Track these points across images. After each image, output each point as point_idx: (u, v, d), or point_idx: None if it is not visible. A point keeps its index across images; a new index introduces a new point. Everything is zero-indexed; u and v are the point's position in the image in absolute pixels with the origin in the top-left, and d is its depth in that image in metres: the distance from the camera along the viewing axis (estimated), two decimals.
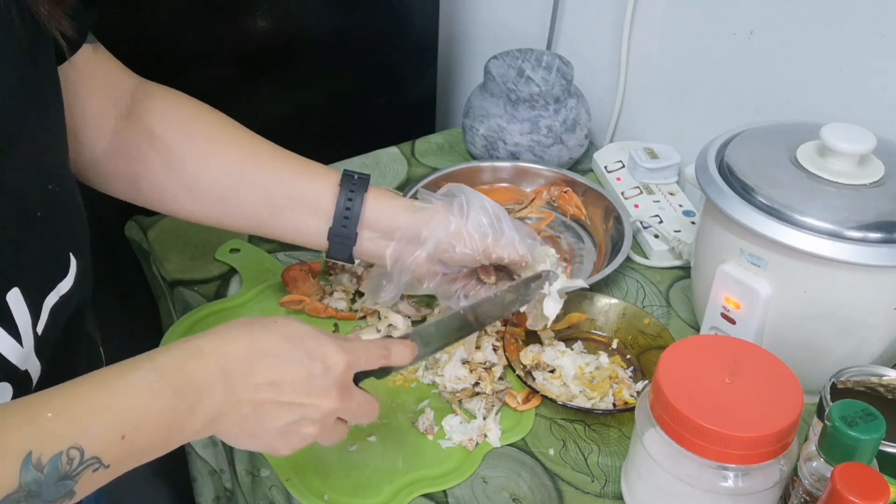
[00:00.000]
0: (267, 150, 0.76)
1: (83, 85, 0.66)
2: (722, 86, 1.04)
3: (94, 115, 0.68)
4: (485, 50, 1.29)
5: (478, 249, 0.76)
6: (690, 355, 0.65)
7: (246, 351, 0.57)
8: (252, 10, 1.08)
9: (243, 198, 0.75)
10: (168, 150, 0.73)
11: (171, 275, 0.95)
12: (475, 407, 0.78)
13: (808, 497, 0.61)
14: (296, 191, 0.75)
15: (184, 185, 0.74)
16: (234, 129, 0.76)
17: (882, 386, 0.68)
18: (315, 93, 1.21)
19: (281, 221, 0.76)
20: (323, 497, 0.70)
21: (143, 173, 0.73)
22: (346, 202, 0.74)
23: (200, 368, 0.55)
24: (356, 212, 0.75)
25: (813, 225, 0.70)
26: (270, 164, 0.75)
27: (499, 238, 0.76)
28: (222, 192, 0.74)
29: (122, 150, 0.72)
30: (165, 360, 0.54)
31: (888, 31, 0.84)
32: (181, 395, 0.53)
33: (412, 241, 0.76)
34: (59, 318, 0.59)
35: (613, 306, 0.88)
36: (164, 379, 0.53)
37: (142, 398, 0.52)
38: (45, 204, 0.57)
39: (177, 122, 0.73)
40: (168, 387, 0.53)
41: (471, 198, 0.77)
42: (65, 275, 0.59)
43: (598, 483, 0.74)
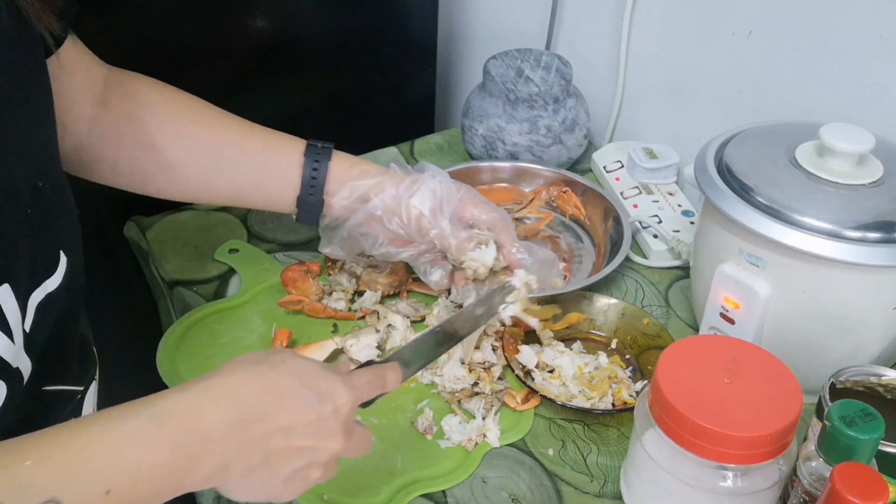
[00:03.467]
0: (235, 125, 0.80)
1: (64, 76, 0.67)
2: (721, 86, 1.04)
3: (73, 105, 0.70)
4: (484, 50, 1.29)
5: (412, 227, 0.79)
6: (689, 355, 0.65)
7: (258, 394, 0.54)
8: (251, 10, 1.08)
9: (216, 174, 0.78)
10: (143, 134, 0.75)
11: (170, 275, 0.95)
12: (474, 407, 0.78)
13: (807, 497, 0.61)
14: (265, 164, 0.79)
15: (160, 165, 0.77)
16: (203, 108, 0.79)
17: (881, 386, 0.68)
18: (314, 93, 1.21)
19: (253, 194, 0.81)
20: (322, 497, 0.70)
21: (121, 157, 0.76)
22: (311, 171, 0.78)
23: (207, 417, 0.51)
24: (321, 180, 0.79)
25: (812, 225, 0.70)
26: (239, 140, 0.79)
27: (433, 223, 0.78)
28: (196, 170, 0.78)
29: (101, 136, 0.74)
30: (166, 406, 0.50)
31: (887, 32, 0.84)
32: (181, 447, 0.50)
33: (358, 201, 0.80)
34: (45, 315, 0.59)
35: (613, 306, 0.88)
36: (163, 429, 0.49)
37: (134, 451, 0.48)
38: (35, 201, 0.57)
39: (149, 106, 0.76)
40: (166, 439, 0.49)
41: (427, 179, 0.79)
42: (52, 272, 0.59)
43: (598, 483, 0.74)
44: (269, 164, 0.79)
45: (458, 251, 0.79)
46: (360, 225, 0.80)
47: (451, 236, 0.79)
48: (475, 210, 0.81)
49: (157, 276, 0.98)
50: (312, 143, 0.79)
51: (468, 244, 0.79)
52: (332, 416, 0.56)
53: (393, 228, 0.79)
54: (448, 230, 0.79)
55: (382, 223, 0.80)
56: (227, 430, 0.51)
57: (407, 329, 0.86)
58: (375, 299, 0.89)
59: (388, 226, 0.79)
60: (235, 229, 1.02)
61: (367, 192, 0.79)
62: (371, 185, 0.79)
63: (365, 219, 0.80)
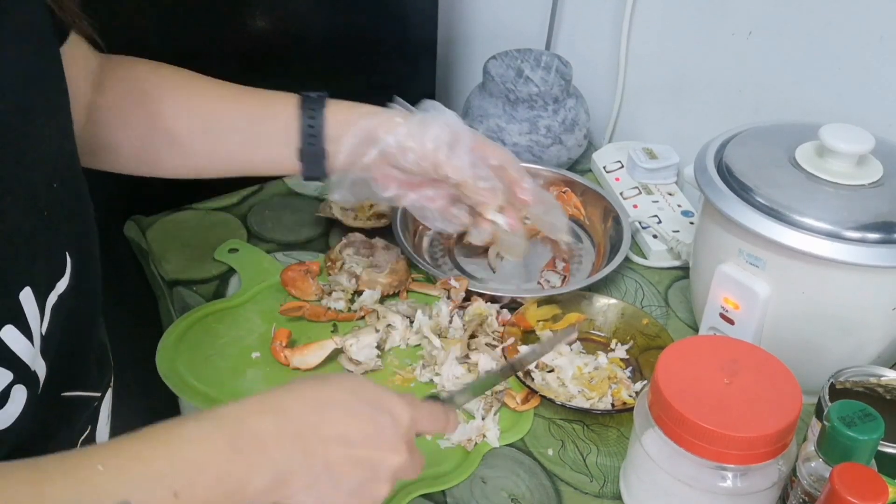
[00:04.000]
0: (231, 91, 0.79)
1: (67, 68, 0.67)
2: (721, 86, 1.04)
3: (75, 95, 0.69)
4: (484, 50, 1.29)
5: (427, 158, 0.76)
6: (689, 356, 0.65)
7: (310, 403, 0.54)
8: (252, 10, 1.08)
9: (217, 142, 0.78)
10: (144, 111, 0.75)
11: (170, 275, 0.95)
12: (474, 407, 0.78)
13: (806, 497, 0.61)
14: (264, 123, 0.78)
15: (166, 141, 0.76)
16: (196, 79, 0.79)
17: (881, 386, 0.68)
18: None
19: (257, 155, 0.79)
20: None
21: (122, 140, 0.75)
22: (308, 121, 0.77)
23: (263, 422, 0.51)
24: (319, 128, 0.77)
25: (811, 225, 0.70)
26: (238, 104, 0.78)
27: (451, 156, 0.76)
28: (199, 142, 0.77)
29: (101, 122, 0.74)
30: (224, 412, 0.51)
31: (886, 32, 0.84)
32: (241, 449, 0.50)
33: (367, 142, 0.77)
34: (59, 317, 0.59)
35: (612, 306, 0.88)
36: (222, 430, 0.50)
37: (196, 450, 0.49)
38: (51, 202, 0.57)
39: (145, 84, 0.76)
40: (226, 439, 0.50)
41: (438, 114, 0.78)
42: (62, 274, 0.59)
43: (597, 483, 0.74)
44: (267, 120, 0.78)
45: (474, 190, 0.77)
46: (370, 167, 0.77)
47: (468, 169, 0.76)
48: (488, 148, 0.79)
49: (156, 276, 0.98)
50: (306, 94, 0.78)
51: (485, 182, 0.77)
52: (392, 428, 0.55)
53: (408, 165, 0.76)
54: (467, 163, 0.76)
55: (393, 163, 0.77)
56: (280, 438, 0.51)
57: (406, 329, 0.86)
58: (375, 299, 0.89)
59: (404, 162, 0.76)
60: (235, 229, 1.01)
61: (376, 130, 0.76)
62: (379, 122, 0.77)
63: (377, 158, 0.77)
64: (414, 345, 0.86)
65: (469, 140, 0.78)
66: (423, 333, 0.85)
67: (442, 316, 0.86)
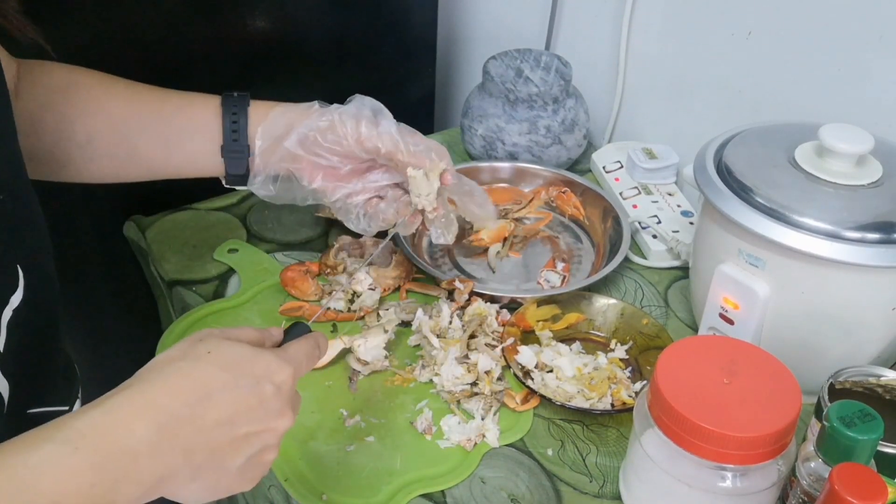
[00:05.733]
0: (147, 92, 0.78)
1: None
2: (720, 86, 1.04)
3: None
4: (483, 50, 1.29)
5: (349, 135, 0.75)
6: (689, 356, 0.65)
7: (185, 396, 0.50)
8: (251, 11, 1.08)
9: (135, 143, 0.76)
10: (55, 117, 0.74)
11: (170, 275, 0.95)
12: (473, 407, 0.78)
13: (806, 497, 0.61)
14: (182, 122, 0.77)
15: (77, 145, 0.75)
16: (114, 82, 0.78)
17: (880, 386, 0.68)
18: (314, 93, 1.20)
19: (175, 156, 0.78)
20: (321, 497, 0.70)
21: (37, 145, 0.74)
22: (231, 118, 0.76)
23: (128, 432, 0.47)
24: (243, 125, 0.76)
25: (811, 225, 0.70)
26: (153, 104, 0.77)
27: (376, 125, 0.76)
28: (114, 143, 0.76)
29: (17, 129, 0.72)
30: (81, 427, 0.46)
31: (886, 32, 0.84)
32: (103, 469, 0.45)
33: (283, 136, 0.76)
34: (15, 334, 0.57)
35: (612, 307, 0.88)
36: (80, 452, 0.44)
37: (51, 480, 0.43)
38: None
39: (58, 89, 0.75)
40: (84, 463, 0.44)
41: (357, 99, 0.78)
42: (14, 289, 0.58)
43: (597, 483, 0.74)
44: (187, 120, 0.77)
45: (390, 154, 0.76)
46: (290, 155, 0.76)
47: (396, 134, 0.75)
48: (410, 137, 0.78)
49: (156, 276, 0.98)
50: (228, 94, 0.78)
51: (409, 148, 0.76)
52: (275, 396, 0.53)
53: (328, 145, 0.76)
54: (395, 129, 0.76)
55: (315, 147, 0.76)
56: (155, 442, 0.47)
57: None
58: (375, 298, 0.89)
59: (323, 142, 0.75)
60: (235, 229, 1.02)
61: (295, 119, 0.76)
62: (296, 113, 0.76)
63: (296, 143, 0.76)
64: (414, 345, 0.86)
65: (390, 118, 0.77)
66: (423, 333, 0.85)
67: (443, 316, 0.86)
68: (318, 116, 0.76)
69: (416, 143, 0.77)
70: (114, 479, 0.46)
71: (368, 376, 0.82)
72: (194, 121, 0.77)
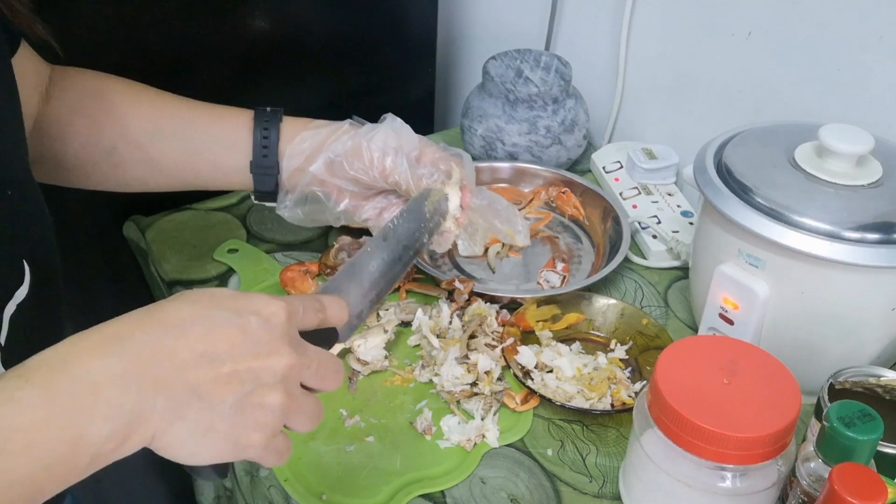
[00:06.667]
0: (179, 102, 0.77)
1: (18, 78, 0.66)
2: (720, 86, 1.04)
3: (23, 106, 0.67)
4: (483, 50, 1.29)
5: (375, 167, 0.75)
6: (688, 356, 0.65)
7: (156, 329, 0.45)
8: (251, 11, 1.08)
9: (162, 150, 0.76)
10: (84, 121, 0.74)
11: (170, 275, 0.95)
12: (473, 407, 0.78)
13: (805, 497, 0.61)
14: (212, 133, 0.76)
15: (104, 151, 0.75)
16: (145, 90, 0.77)
17: (880, 387, 0.68)
18: (314, 93, 1.21)
19: (203, 166, 0.77)
20: (321, 497, 0.70)
21: (64, 150, 0.74)
22: (262, 133, 0.76)
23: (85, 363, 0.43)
24: (273, 142, 0.76)
25: (811, 226, 0.70)
26: (184, 114, 0.77)
27: (399, 163, 0.75)
28: (142, 150, 0.76)
29: (45, 132, 0.73)
30: (34, 362, 0.43)
31: (886, 32, 0.84)
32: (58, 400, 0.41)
33: (314, 154, 0.76)
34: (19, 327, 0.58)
35: (612, 307, 0.88)
36: (31, 383, 0.41)
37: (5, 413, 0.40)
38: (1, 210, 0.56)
39: (90, 94, 0.75)
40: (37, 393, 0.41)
41: (388, 123, 0.77)
42: (20, 283, 0.58)
43: (597, 483, 0.74)
44: (218, 132, 0.76)
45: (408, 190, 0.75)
46: (317, 179, 0.76)
47: (407, 173, 0.75)
48: (434, 156, 0.78)
49: (156, 276, 0.98)
50: (261, 109, 0.77)
51: (420, 182, 0.76)
52: (263, 329, 0.47)
53: (354, 173, 0.75)
54: (405, 168, 0.75)
55: (341, 173, 0.75)
56: (118, 374, 0.43)
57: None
58: None
59: (349, 170, 0.75)
60: (234, 229, 1.02)
61: (323, 142, 0.76)
62: (326, 134, 0.76)
63: (323, 168, 0.75)
64: (414, 345, 0.86)
65: (413, 147, 0.77)
66: (423, 333, 0.85)
67: (443, 316, 0.86)
68: (346, 139, 0.75)
69: (427, 174, 0.76)
70: (73, 412, 0.42)
71: (368, 376, 0.82)
72: (225, 133, 0.76)
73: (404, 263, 0.68)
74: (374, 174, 0.75)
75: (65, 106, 0.74)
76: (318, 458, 0.74)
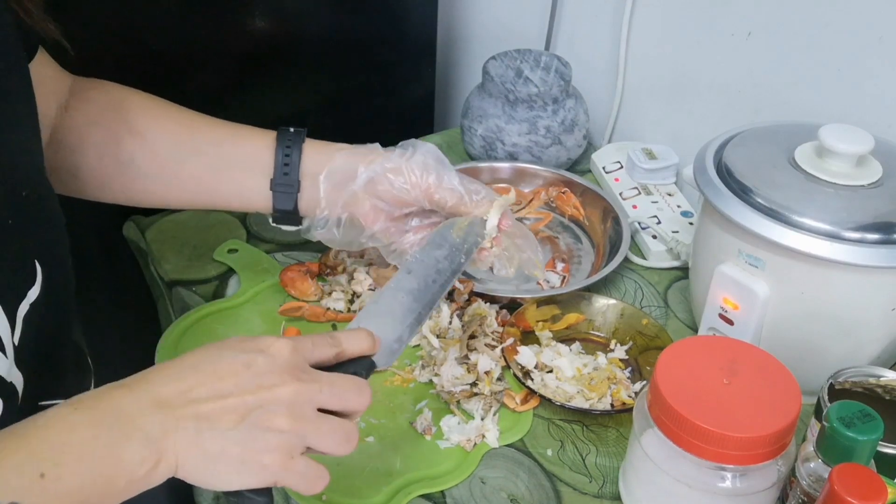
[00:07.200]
0: (201, 119, 0.77)
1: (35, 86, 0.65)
2: (720, 87, 1.04)
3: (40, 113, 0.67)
4: (483, 50, 1.29)
5: (418, 185, 0.74)
6: (688, 356, 0.65)
7: (173, 373, 0.52)
8: (251, 11, 1.08)
9: (182, 166, 0.75)
10: (102, 133, 0.73)
11: (169, 275, 0.95)
12: (473, 407, 0.78)
13: (805, 498, 0.61)
14: (234, 151, 0.76)
15: (121, 163, 0.74)
16: (168, 105, 0.77)
17: (880, 387, 0.68)
18: (314, 93, 1.21)
19: (222, 184, 0.76)
20: (321, 497, 0.70)
21: (81, 161, 0.74)
22: (284, 151, 0.75)
23: (125, 399, 0.50)
24: (295, 160, 0.75)
25: (811, 226, 0.70)
26: (206, 131, 0.76)
27: (441, 178, 0.74)
28: (160, 165, 0.75)
29: (62, 142, 0.73)
30: (84, 397, 0.50)
31: (886, 33, 0.84)
32: (105, 424, 0.48)
33: (348, 178, 0.75)
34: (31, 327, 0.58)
35: (611, 307, 0.88)
36: (82, 411, 0.49)
37: (57, 432, 0.47)
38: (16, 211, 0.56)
39: (110, 106, 0.74)
40: (87, 417, 0.49)
41: (420, 147, 0.76)
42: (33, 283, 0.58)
43: (596, 483, 0.74)
44: (239, 150, 0.76)
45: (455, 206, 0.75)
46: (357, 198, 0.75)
47: (459, 188, 0.74)
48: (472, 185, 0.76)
49: (156, 276, 0.98)
50: (284, 128, 0.76)
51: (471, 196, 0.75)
52: (267, 363, 0.53)
53: (396, 192, 0.74)
54: (456, 182, 0.74)
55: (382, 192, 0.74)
56: (144, 407, 0.50)
57: None
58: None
59: (391, 189, 0.74)
60: (234, 229, 1.01)
61: (359, 162, 0.75)
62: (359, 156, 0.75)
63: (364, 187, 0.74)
64: (414, 345, 0.86)
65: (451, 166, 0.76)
66: (423, 333, 0.85)
67: (442, 316, 0.86)
68: (384, 160, 0.74)
69: (476, 190, 0.76)
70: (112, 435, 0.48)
71: None
72: (246, 151, 0.76)
73: (441, 284, 0.69)
74: (418, 192, 0.74)
75: (84, 117, 0.73)
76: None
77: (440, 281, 0.69)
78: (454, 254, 0.72)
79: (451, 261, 0.71)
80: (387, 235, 0.78)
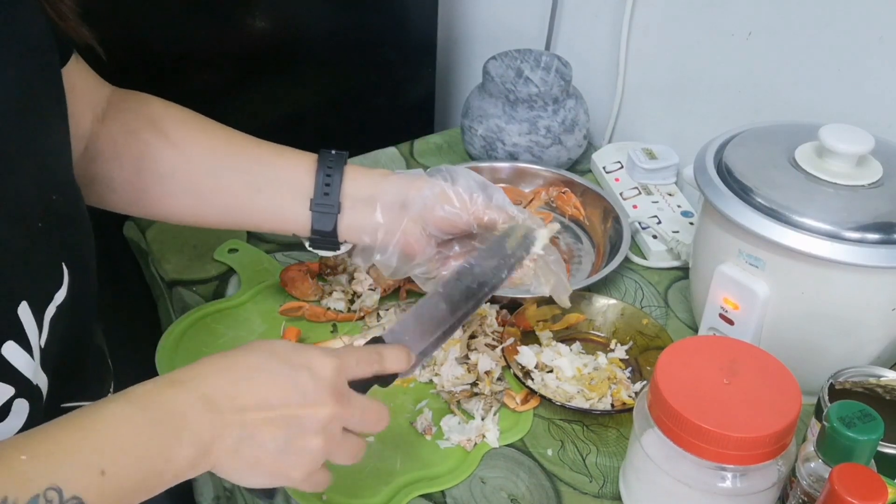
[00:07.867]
0: (240, 137, 0.76)
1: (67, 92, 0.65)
2: (720, 86, 1.04)
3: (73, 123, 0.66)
4: (483, 50, 1.29)
5: (467, 208, 0.72)
6: (688, 356, 0.65)
7: (226, 375, 0.55)
8: (251, 11, 1.08)
9: (220, 183, 0.74)
10: (142, 146, 0.72)
11: (170, 275, 0.95)
12: (473, 407, 0.78)
13: (805, 498, 0.61)
14: (272, 169, 0.74)
15: (158, 176, 0.73)
16: (207, 122, 0.76)
17: (880, 387, 0.68)
18: (314, 93, 1.21)
19: (260, 203, 0.74)
20: (321, 497, 0.70)
21: (116, 172, 0.72)
22: (325, 171, 0.73)
23: (178, 397, 0.52)
24: (336, 182, 0.73)
25: (811, 226, 0.70)
26: (245, 149, 0.75)
27: (489, 199, 0.73)
28: (198, 181, 0.74)
29: (98, 153, 0.72)
30: (140, 392, 0.52)
31: (886, 33, 0.84)
32: (160, 422, 0.51)
33: (399, 206, 0.73)
34: (57, 329, 0.59)
35: (612, 307, 0.88)
36: (139, 409, 0.51)
37: (117, 430, 0.50)
38: (46, 214, 0.56)
39: (150, 118, 0.73)
40: (145, 416, 0.51)
41: (457, 168, 0.75)
42: (60, 286, 0.59)
43: (597, 483, 0.74)
44: (279, 169, 0.74)
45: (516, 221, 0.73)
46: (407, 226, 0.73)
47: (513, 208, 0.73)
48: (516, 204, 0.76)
49: (156, 276, 0.98)
50: (325, 151, 0.75)
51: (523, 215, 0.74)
52: (311, 382, 0.56)
53: (445, 216, 0.72)
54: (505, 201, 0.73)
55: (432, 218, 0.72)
56: (198, 409, 0.52)
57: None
58: (375, 299, 0.89)
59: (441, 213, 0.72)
60: (234, 229, 1.01)
61: (408, 191, 0.73)
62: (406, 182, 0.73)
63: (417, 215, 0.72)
64: None
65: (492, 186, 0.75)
66: None
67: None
68: (430, 185, 0.73)
69: (521, 209, 0.74)
70: (169, 435, 0.51)
71: None
72: (285, 170, 0.74)
73: (477, 300, 0.69)
74: (468, 216, 0.73)
75: (122, 127, 0.72)
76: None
77: (479, 296, 0.69)
78: (501, 268, 0.72)
79: (496, 276, 0.71)
80: (433, 263, 0.76)
